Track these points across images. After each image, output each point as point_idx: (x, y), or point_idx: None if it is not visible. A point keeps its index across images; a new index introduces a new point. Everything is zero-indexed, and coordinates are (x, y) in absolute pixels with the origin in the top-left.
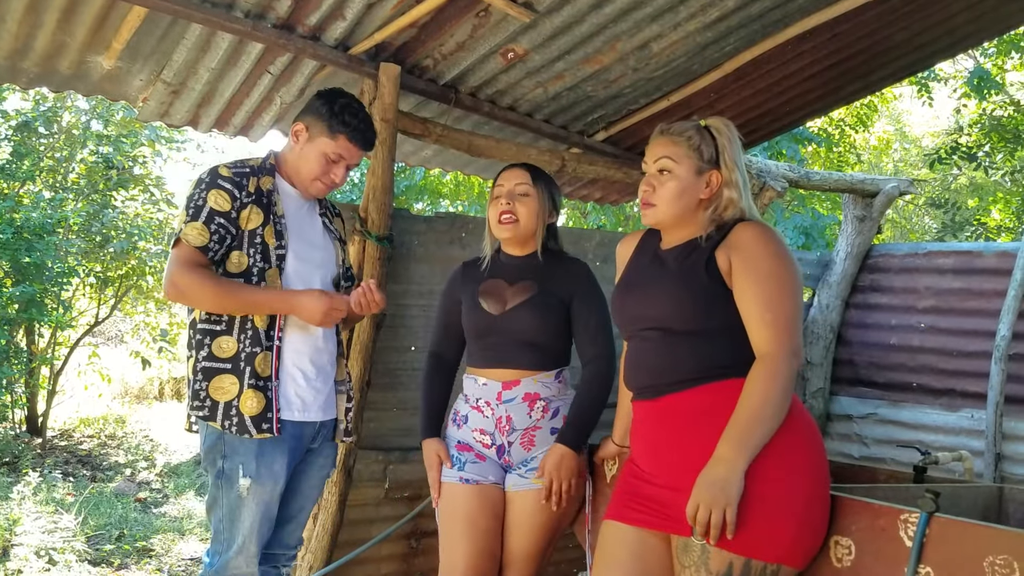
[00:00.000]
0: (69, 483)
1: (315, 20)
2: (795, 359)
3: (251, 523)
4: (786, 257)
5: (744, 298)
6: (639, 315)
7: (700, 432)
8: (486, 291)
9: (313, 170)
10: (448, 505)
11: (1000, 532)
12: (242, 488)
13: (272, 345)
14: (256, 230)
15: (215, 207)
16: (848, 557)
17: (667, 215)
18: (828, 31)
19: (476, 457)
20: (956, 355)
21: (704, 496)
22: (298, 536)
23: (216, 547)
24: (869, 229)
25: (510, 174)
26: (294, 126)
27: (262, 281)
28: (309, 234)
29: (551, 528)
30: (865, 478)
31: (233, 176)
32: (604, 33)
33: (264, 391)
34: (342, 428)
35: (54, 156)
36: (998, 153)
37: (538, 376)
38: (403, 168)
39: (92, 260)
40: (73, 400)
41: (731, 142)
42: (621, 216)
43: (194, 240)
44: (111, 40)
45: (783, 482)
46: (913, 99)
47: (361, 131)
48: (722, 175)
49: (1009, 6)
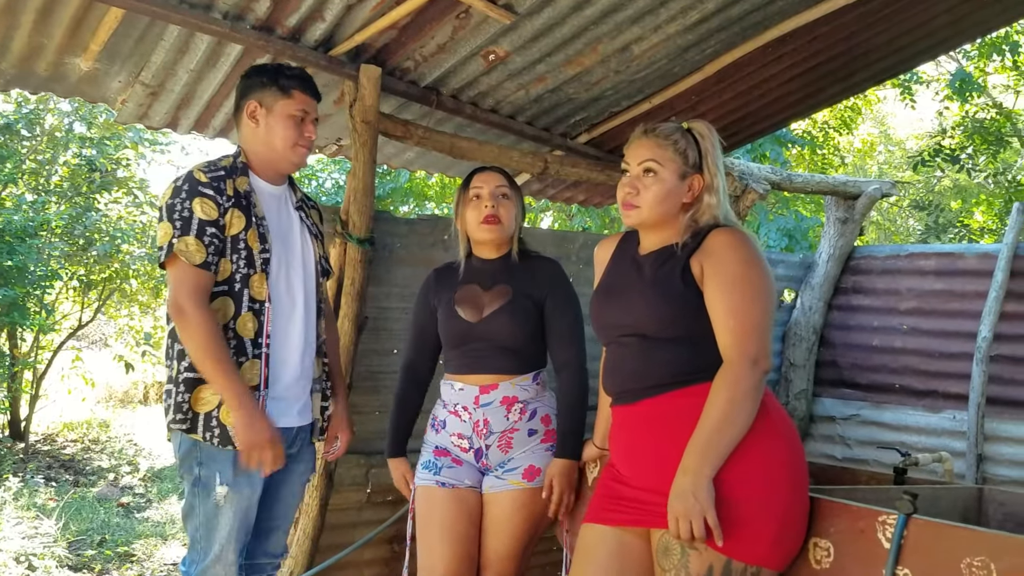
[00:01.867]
0: (51, 488)
1: (294, 21)
2: (757, 366)
3: (229, 531)
4: (756, 263)
5: (712, 304)
6: (617, 322)
7: (678, 435)
8: (462, 298)
9: (288, 136)
10: (425, 509)
11: (977, 533)
12: (219, 496)
13: (260, 353)
14: (239, 235)
15: (204, 217)
16: (827, 559)
17: (650, 218)
18: (808, 34)
19: (453, 462)
20: (938, 357)
21: (678, 509)
22: (283, 544)
23: (193, 555)
24: (851, 231)
25: (488, 176)
26: (247, 107)
27: (246, 288)
28: (289, 234)
29: (529, 529)
30: (846, 480)
31: (211, 181)
32: (585, 35)
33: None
34: (319, 427)
35: (36, 158)
36: (981, 155)
37: (515, 380)
38: (388, 171)
39: (75, 263)
40: (56, 404)
41: (714, 147)
42: (606, 218)
43: (193, 257)
44: (88, 41)
45: (762, 484)
46: (897, 102)
47: (308, 80)
48: (704, 180)
49: (988, 9)
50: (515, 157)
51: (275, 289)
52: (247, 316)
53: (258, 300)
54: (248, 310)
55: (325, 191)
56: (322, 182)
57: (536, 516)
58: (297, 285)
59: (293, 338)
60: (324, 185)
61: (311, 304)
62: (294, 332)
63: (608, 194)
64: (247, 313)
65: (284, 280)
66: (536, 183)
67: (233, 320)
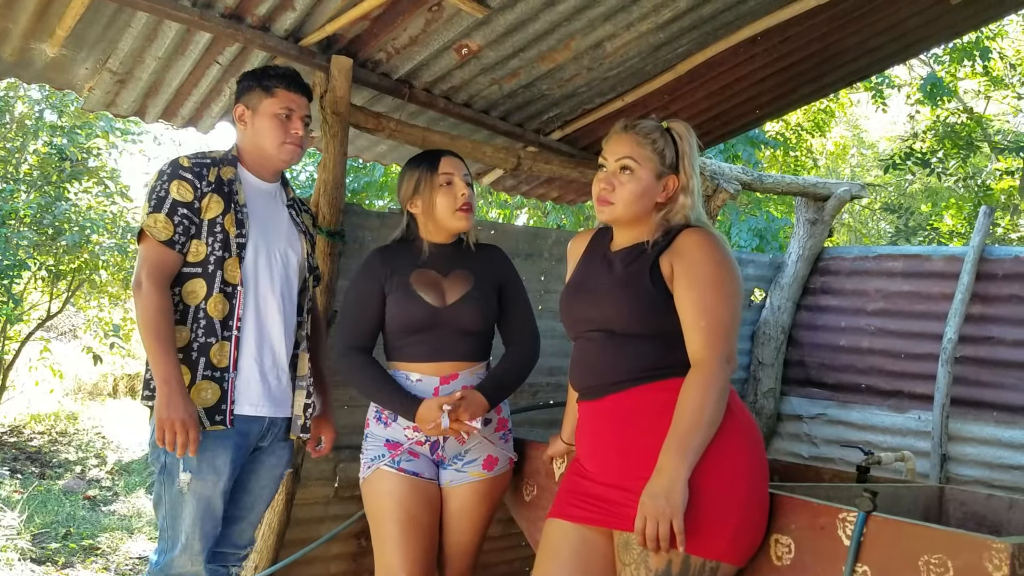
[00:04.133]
0: (16, 480)
1: (264, 10)
2: (728, 365)
3: (193, 520)
4: (725, 263)
5: (682, 304)
6: (585, 317)
7: (641, 431)
8: (420, 282)
9: (275, 135)
10: (386, 499)
11: (935, 531)
12: (182, 483)
13: (231, 335)
14: (216, 219)
15: (178, 197)
16: (788, 555)
17: (623, 215)
18: (779, 34)
19: (409, 454)
20: (904, 357)
21: (649, 508)
22: (249, 535)
23: (162, 545)
24: (821, 232)
25: (456, 163)
26: (235, 112)
27: (219, 270)
28: (273, 226)
29: (488, 519)
30: (810, 477)
31: (193, 166)
32: (558, 31)
33: (220, 382)
34: (299, 424)
35: (6, 146)
36: (951, 159)
37: (473, 369)
38: (363, 165)
39: (44, 253)
40: (23, 396)
41: (691, 148)
42: (581, 216)
43: (159, 234)
44: (55, 27)
45: (722, 480)
46: (870, 105)
47: (292, 77)
48: (680, 181)
49: (958, 12)
50: (488, 152)
51: (252, 275)
52: (218, 297)
53: (231, 283)
54: (220, 292)
55: (299, 184)
56: (296, 174)
57: (496, 505)
58: (277, 276)
59: (267, 326)
60: (299, 178)
61: (291, 298)
62: (269, 321)
63: (582, 191)
64: (218, 294)
65: (264, 269)
66: (510, 179)
67: (204, 301)
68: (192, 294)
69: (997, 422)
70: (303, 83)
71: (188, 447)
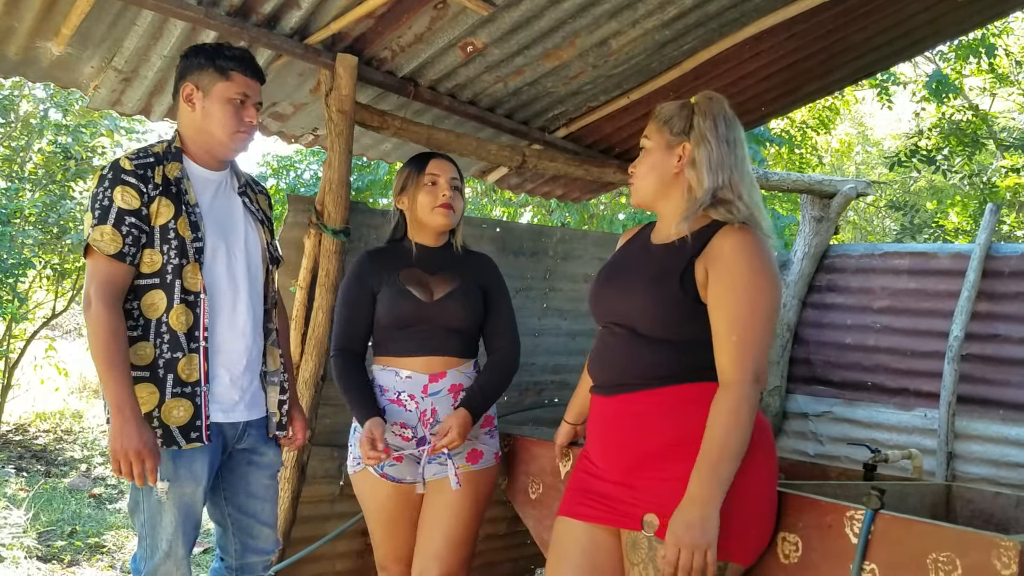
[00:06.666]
0: (22, 478)
1: (270, 8)
2: (758, 384)
3: (174, 528)
4: (764, 271)
5: (715, 314)
6: (611, 307)
7: (649, 434)
8: (409, 279)
9: (227, 123)
10: (370, 501)
11: (943, 529)
12: (160, 492)
13: (198, 347)
14: (168, 224)
15: (123, 206)
16: (795, 553)
17: (643, 190)
18: (785, 31)
19: (393, 459)
20: (910, 355)
21: (684, 539)
22: (273, 539)
23: (142, 552)
24: (826, 230)
25: (445, 165)
26: (183, 90)
27: (178, 279)
28: (228, 221)
29: (478, 514)
30: (817, 476)
31: (136, 169)
32: (563, 28)
33: (192, 398)
34: (275, 422)
35: (11, 145)
36: (956, 157)
37: (461, 367)
38: (367, 163)
39: (49, 251)
40: (29, 394)
41: (707, 116)
42: (586, 214)
43: (107, 247)
44: (60, 26)
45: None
46: (875, 102)
47: (248, 60)
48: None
49: (964, 9)
50: (493, 150)
51: (213, 279)
52: (179, 309)
53: (192, 292)
54: (181, 302)
55: (303, 182)
56: (300, 173)
57: (483, 499)
58: (240, 274)
59: (237, 329)
60: (303, 176)
61: (257, 293)
62: (239, 323)
63: (587, 189)
64: (179, 306)
65: (225, 269)
66: (514, 177)
67: (166, 313)
68: (152, 307)
69: (1004, 420)
70: (258, 67)
71: (148, 476)
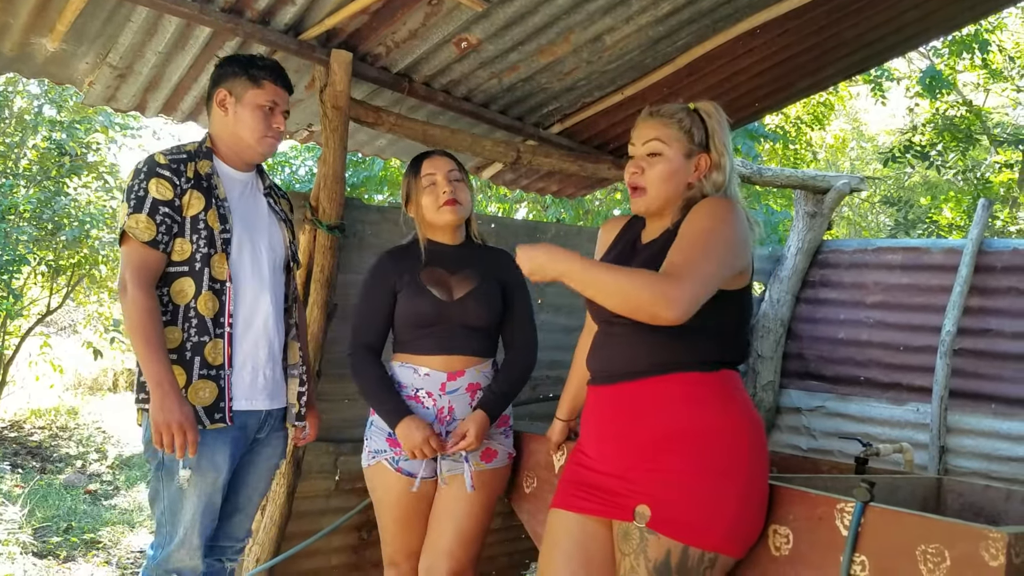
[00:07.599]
0: (17, 475)
1: (264, 4)
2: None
3: (192, 515)
4: (729, 221)
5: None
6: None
7: (642, 421)
8: (429, 279)
9: (256, 128)
10: (384, 494)
11: (932, 521)
12: (182, 479)
13: (223, 332)
14: (199, 215)
15: (158, 196)
16: (786, 546)
17: (657, 199)
18: (778, 27)
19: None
20: (903, 350)
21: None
22: (246, 528)
23: (159, 539)
24: (820, 225)
25: (439, 161)
26: (217, 96)
27: (206, 267)
28: (254, 217)
29: (486, 510)
30: (808, 469)
31: (171, 163)
32: (557, 24)
33: (217, 380)
34: (293, 412)
35: (5, 141)
36: (950, 152)
37: (480, 366)
38: (362, 159)
39: (44, 248)
40: (24, 391)
41: (721, 125)
42: (581, 210)
43: (142, 235)
44: (55, 21)
45: (721, 472)
46: (869, 98)
47: (280, 71)
48: (712, 158)
49: (957, 5)
50: (488, 146)
51: (239, 270)
52: (207, 295)
53: (219, 280)
54: (208, 289)
55: (299, 178)
56: (295, 169)
57: (493, 498)
58: (265, 267)
59: (260, 319)
60: (298, 172)
61: (279, 287)
62: (261, 313)
63: (582, 185)
64: (207, 292)
65: (249, 261)
66: (509, 173)
67: (194, 299)
68: (181, 293)
69: (995, 414)
70: (288, 78)
71: (188, 448)
